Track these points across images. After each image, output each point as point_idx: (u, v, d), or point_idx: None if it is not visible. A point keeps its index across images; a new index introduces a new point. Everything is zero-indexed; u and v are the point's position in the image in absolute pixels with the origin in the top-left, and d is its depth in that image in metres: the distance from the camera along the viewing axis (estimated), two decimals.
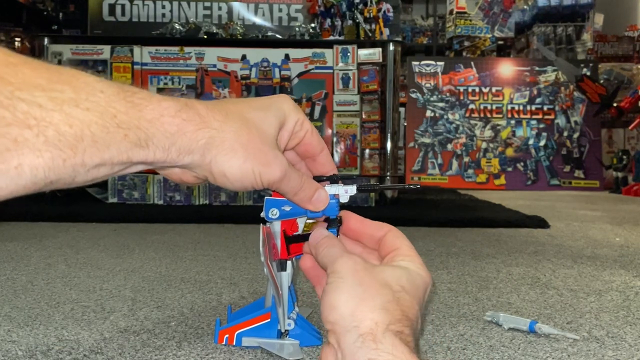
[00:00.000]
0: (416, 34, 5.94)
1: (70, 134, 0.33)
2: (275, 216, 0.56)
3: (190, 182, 0.45)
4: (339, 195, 0.54)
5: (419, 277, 0.47)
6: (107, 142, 0.35)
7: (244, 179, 0.43)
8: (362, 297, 0.42)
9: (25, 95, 0.32)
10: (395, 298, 0.43)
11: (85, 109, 0.34)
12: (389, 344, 0.40)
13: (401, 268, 0.47)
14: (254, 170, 0.43)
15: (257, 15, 3.05)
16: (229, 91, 2.47)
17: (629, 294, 0.98)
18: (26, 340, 0.70)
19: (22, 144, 0.32)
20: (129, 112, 0.36)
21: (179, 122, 0.39)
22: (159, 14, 3.00)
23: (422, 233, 1.77)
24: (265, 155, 0.44)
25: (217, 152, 0.41)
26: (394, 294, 0.43)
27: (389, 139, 2.48)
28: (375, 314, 0.41)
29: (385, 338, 0.40)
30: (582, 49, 4.63)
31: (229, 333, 0.67)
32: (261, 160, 0.43)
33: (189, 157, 0.40)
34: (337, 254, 0.47)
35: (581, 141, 4.15)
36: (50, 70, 0.35)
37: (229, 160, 0.42)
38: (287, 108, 0.48)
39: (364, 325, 0.41)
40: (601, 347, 0.70)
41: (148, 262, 1.22)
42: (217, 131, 0.41)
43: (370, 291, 0.43)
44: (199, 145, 0.40)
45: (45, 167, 0.33)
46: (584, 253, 1.41)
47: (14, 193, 0.33)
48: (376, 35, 2.71)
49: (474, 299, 0.93)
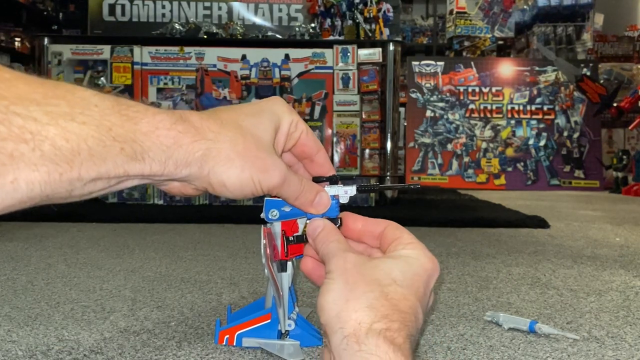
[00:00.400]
0: (416, 34, 5.95)
1: (66, 148, 0.33)
2: (275, 217, 0.56)
3: (191, 194, 0.45)
4: (339, 196, 0.54)
5: (417, 265, 0.46)
6: (104, 155, 0.35)
7: (243, 187, 0.43)
8: (348, 297, 0.42)
9: (21, 109, 0.32)
10: (384, 293, 0.43)
11: (81, 122, 0.34)
12: (372, 345, 0.40)
13: (398, 258, 0.46)
14: (252, 178, 0.43)
15: (257, 15, 3.05)
16: (229, 91, 2.47)
17: (629, 294, 0.98)
18: (26, 340, 0.70)
19: (18, 158, 0.32)
20: (124, 125, 0.36)
21: (174, 134, 0.39)
22: (159, 14, 3.00)
23: (422, 233, 1.77)
24: (263, 162, 0.43)
25: (215, 163, 0.41)
26: (382, 289, 0.43)
27: (389, 139, 2.48)
28: (359, 313, 0.41)
29: (368, 339, 0.40)
30: (582, 49, 4.63)
31: (229, 334, 0.67)
32: (259, 167, 0.43)
33: (187, 169, 0.40)
34: (333, 252, 0.47)
35: (581, 141, 4.15)
36: (45, 85, 0.34)
37: (227, 170, 0.42)
38: (280, 111, 0.48)
39: (348, 326, 0.41)
40: (601, 347, 0.70)
41: (148, 262, 1.22)
42: (213, 142, 0.41)
43: (357, 290, 0.43)
44: (196, 157, 0.40)
45: (42, 181, 0.33)
46: (584, 253, 1.41)
47: (10, 207, 0.34)
48: (376, 35, 2.71)
49: (474, 299, 0.93)
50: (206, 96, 2.47)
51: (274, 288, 0.62)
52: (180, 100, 2.45)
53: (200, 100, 2.46)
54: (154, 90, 2.46)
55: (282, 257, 0.61)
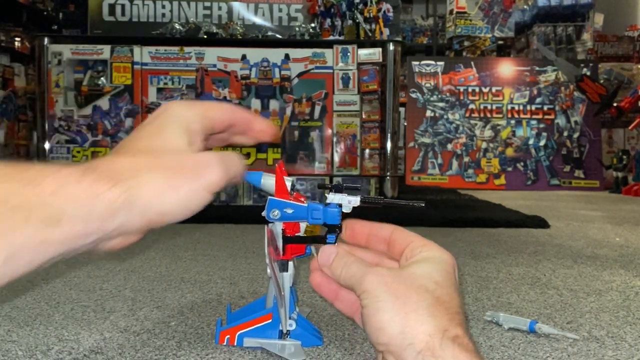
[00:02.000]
0: (416, 33, 5.95)
1: None
2: (277, 217, 0.57)
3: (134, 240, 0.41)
4: (342, 205, 0.54)
5: (444, 263, 0.45)
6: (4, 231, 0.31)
7: (189, 204, 0.39)
8: (405, 310, 0.41)
9: None
10: (435, 298, 0.42)
11: None
12: (449, 356, 0.39)
13: (426, 261, 0.46)
14: (192, 190, 0.39)
15: (257, 15, 3.05)
16: (229, 91, 2.47)
17: (629, 293, 0.98)
18: (26, 340, 0.70)
19: None
20: (23, 192, 0.32)
21: (86, 186, 0.34)
22: (159, 13, 3.00)
23: (422, 233, 1.76)
24: (191, 171, 0.40)
25: (144, 199, 0.37)
26: (432, 294, 0.42)
27: (389, 139, 2.48)
28: (425, 325, 0.40)
29: (444, 350, 0.39)
30: (582, 49, 4.63)
31: (230, 334, 0.67)
32: (192, 176, 0.39)
33: (115, 219, 0.36)
34: (360, 272, 0.45)
35: (581, 141, 4.16)
36: None
37: (162, 199, 0.38)
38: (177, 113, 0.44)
39: (418, 340, 0.40)
40: (601, 347, 0.70)
41: (148, 262, 1.22)
42: (132, 180, 0.37)
43: (411, 302, 0.41)
44: (120, 202, 0.36)
45: None
46: (584, 253, 1.41)
47: None
48: (376, 35, 2.71)
49: (474, 298, 0.93)
50: (206, 96, 2.47)
51: (275, 288, 0.62)
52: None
53: (201, 100, 2.46)
54: (154, 91, 2.46)
55: (283, 257, 0.61)
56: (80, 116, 2.46)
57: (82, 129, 2.45)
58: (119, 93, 2.45)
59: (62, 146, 2.45)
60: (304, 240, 0.59)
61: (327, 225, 0.55)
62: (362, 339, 0.71)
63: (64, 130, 2.45)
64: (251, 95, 2.47)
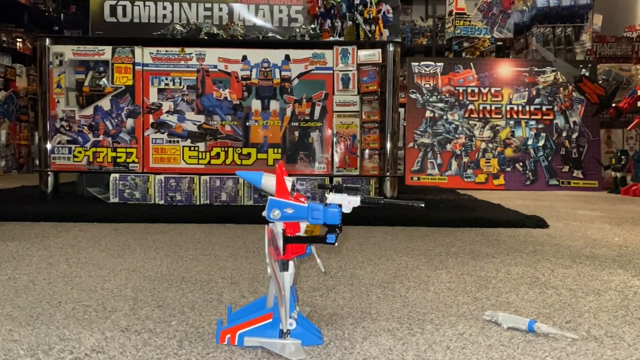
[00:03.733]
0: (415, 34, 5.95)
1: None
2: (277, 217, 0.57)
3: None
4: (342, 205, 0.55)
5: None
6: None
7: None
8: None
9: None
10: None
11: None
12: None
13: None
14: None
15: (258, 16, 3.05)
16: (229, 91, 2.47)
17: (627, 293, 0.99)
18: (28, 339, 0.70)
19: None
20: None
21: None
22: (160, 15, 3.00)
23: (422, 233, 1.77)
24: None
25: None
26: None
27: (388, 139, 2.48)
28: None
29: None
30: (581, 50, 4.64)
31: (230, 333, 0.68)
32: None
33: None
34: None
35: (580, 141, 4.16)
36: None
37: None
38: None
39: None
40: (600, 347, 0.70)
41: (149, 261, 1.23)
42: None
43: None
44: None
45: None
46: (583, 253, 1.41)
47: None
48: (376, 36, 2.71)
49: (473, 298, 0.94)
50: (207, 97, 2.47)
51: (275, 287, 0.63)
52: (181, 101, 2.46)
53: (201, 100, 2.47)
54: (155, 91, 2.46)
55: (284, 257, 0.62)
56: (81, 116, 2.46)
57: (84, 129, 2.46)
58: (120, 93, 2.46)
59: (63, 146, 2.46)
60: (304, 240, 0.60)
61: (327, 225, 0.55)
62: (362, 338, 0.71)
63: (66, 131, 2.46)
64: (252, 96, 2.48)
